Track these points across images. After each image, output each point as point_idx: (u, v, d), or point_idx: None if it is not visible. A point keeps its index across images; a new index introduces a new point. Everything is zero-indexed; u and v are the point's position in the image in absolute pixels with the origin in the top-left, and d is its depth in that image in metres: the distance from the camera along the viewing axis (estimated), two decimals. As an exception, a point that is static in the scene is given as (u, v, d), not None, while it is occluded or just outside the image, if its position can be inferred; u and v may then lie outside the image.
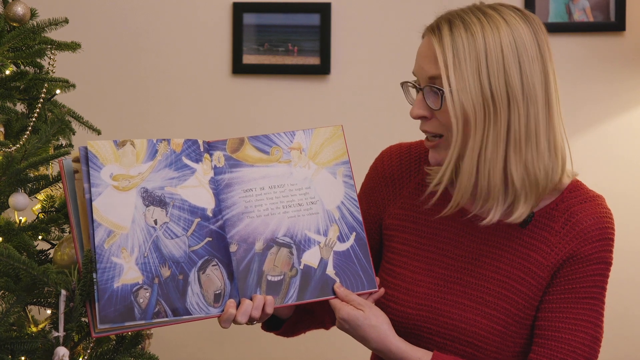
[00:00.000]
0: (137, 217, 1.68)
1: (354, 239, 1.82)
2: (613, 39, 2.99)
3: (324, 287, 1.78)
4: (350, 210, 1.83)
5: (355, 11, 3.06)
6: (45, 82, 2.03)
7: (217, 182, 1.77)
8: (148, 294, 1.65)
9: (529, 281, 1.79)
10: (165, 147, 1.74)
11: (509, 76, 1.69)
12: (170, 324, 1.68)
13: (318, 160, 1.84)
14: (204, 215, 1.73)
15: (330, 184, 1.83)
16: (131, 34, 3.11)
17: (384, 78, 3.05)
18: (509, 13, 1.73)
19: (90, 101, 3.00)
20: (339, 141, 1.86)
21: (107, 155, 1.68)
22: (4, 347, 1.68)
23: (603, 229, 1.78)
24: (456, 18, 1.73)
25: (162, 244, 1.69)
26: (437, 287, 1.84)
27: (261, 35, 3.06)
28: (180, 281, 1.68)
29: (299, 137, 1.84)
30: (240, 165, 1.80)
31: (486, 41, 1.69)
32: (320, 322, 2.00)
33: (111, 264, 1.63)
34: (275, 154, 1.82)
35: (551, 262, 1.78)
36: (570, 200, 1.81)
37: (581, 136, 2.98)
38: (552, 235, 1.79)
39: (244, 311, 1.71)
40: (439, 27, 1.73)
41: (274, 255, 1.77)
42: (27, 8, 2.04)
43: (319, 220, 1.81)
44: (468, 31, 1.70)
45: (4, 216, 1.92)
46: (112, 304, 1.62)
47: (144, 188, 1.70)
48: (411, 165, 1.93)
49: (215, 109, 3.10)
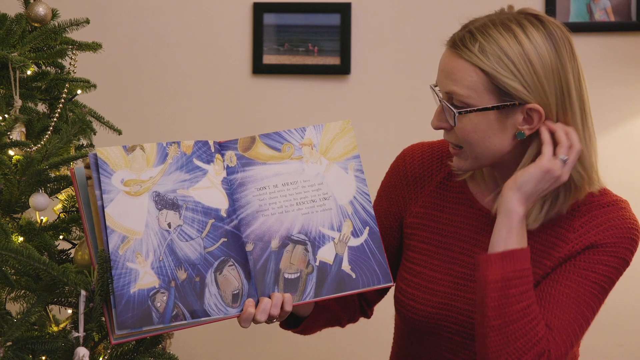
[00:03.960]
0: (151, 222, 1.68)
1: (368, 234, 1.82)
2: (634, 39, 2.97)
3: (341, 283, 1.78)
4: (362, 204, 1.83)
5: (376, 11, 3.06)
6: (67, 83, 2.03)
7: (230, 182, 1.77)
8: (165, 298, 1.64)
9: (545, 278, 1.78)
10: (175, 150, 1.73)
11: (528, 93, 1.69)
12: (189, 327, 1.67)
13: (329, 156, 1.83)
14: (218, 216, 1.73)
15: (342, 179, 1.83)
16: (152, 34, 3.12)
17: (404, 78, 3.05)
18: (530, 26, 1.71)
19: (111, 101, 3.01)
20: (349, 135, 1.85)
21: (117, 161, 1.68)
22: (25, 347, 1.69)
23: (628, 228, 1.77)
24: (479, 32, 1.71)
25: (177, 247, 1.68)
26: (457, 286, 1.83)
27: (281, 35, 3.06)
28: (197, 283, 1.68)
29: (309, 132, 1.83)
30: (253, 163, 1.79)
31: (509, 58, 1.68)
32: (337, 320, 2.00)
33: (126, 270, 1.63)
34: (287, 151, 1.82)
35: (564, 254, 1.77)
36: (591, 203, 1.80)
37: (602, 137, 2.96)
38: (570, 233, 1.78)
39: (263, 309, 1.71)
40: (463, 42, 1.71)
41: (290, 252, 1.77)
42: (49, 8, 2.05)
43: (332, 216, 1.81)
44: (491, 45, 1.69)
45: (25, 216, 1.93)
46: (129, 310, 1.61)
47: (156, 192, 1.70)
48: (433, 164, 1.93)
49: (236, 109, 3.11)
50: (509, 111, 1.70)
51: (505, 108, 1.69)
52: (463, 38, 1.71)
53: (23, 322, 1.67)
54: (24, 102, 1.97)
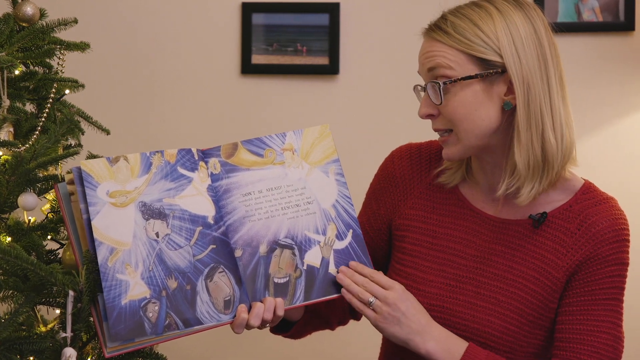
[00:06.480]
0: (138, 232, 1.67)
1: (351, 236, 1.82)
2: (622, 39, 2.98)
3: (329, 286, 1.78)
4: (345, 207, 1.83)
5: (364, 11, 3.06)
6: (55, 82, 2.03)
7: (215, 189, 1.77)
8: (157, 308, 1.64)
9: (544, 281, 1.79)
10: (159, 159, 1.73)
11: (507, 61, 1.72)
12: (182, 336, 1.67)
13: (310, 160, 1.83)
14: (205, 223, 1.73)
15: (324, 182, 1.83)
16: (140, 34, 3.12)
17: (392, 78, 3.05)
18: (502, 2, 1.76)
19: (99, 101, 3.00)
20: (327, 140, 1.86)
21: (102, 173, 1.68)
22: (12, 347, 1.69)
23: (618, 230, 1.78)
24: (451, 14, 1.77)
25: (166, 256, 1.68)
26: (448, 288, 1.83)
27: (270, 35, 3.06)
28: (189, 291, 1.67)
29: (289, 138, 1.84)
30: (237, 169, 1.79)
31: (483, 30, 1.72)
32: (326, 323, 2.00)
33: (117, 282, 1.63)
34: (269, 156, 1.82)
35: (566, 263, 1.78)
36: (583, 202, 1.81)
37: (590, 137, 2.97)
38: (568, 237, 1.79)
39: (256, 314, 1.71)
40: (437, 25, 1.77)
41: (278, 257, 1.77)
42: (37, 8, 2.05)
43: (317, 220, 1.81)
44: (464, 22, 1.74)
45: (13, 216, 1.93)
46: (121, 321, 1.61)
47: (142, 202, 1.69)
48: (422, 165, 1.93)
49: (224, 109, 3.11)
50: (493, 80, 1.73)
51: (488, 76, 1.72)
52: (437, 23, 1.77)
53: (11, 322, 1.67)
54: (12, 101, 1.97)
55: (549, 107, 1.74)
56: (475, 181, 1.87)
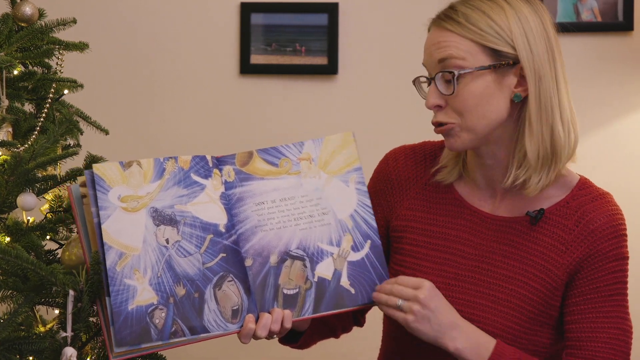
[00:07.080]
0: (148, 238, 1.67)
1: (369, 247, 1.80)
2: (621, 39, 2.98)
3: (339, 299, 1.76)
4: (364, 217, 1.81)
5: (363, 11, 3.06)
6: (53, 82, 2.03)
7: (228, 197, 1.76)
8: (164, 314, 1.64)
9: (543, 278, 1.79)
10: (172, 165, 1.72)
11: (520, 53, 1.73)
12: (188, 343, 1.66)
13: (329, 169, 1.82)
14: (216, 231, 1.72)
15: (343, 192, 1.81)
16: (139, 34, 3.11)
17: (392, 78, 3.05)
18: None
19: (98, 101, 3.00)
20: (350, 147, 1.84)
21: (114, 177, 1.67)
22: (12, 347, 1.69)
23: (616, 226, 1.79)
24: (461, 4, 1.77)
25: (175, 263, 1.67)
26: (448, 287, 1.83)
27: (269, 35, 3.06)
28: (196, 299, 1.67)
29: (307, 147, 1.82)
30: (251, 178, 1.78)
31: (495, 21, 1.73)
32: (332, 331, 1.99)
33: (124, 286, 1.62)
34: (285, 166, 1.80)
35: (566, 261, 1.78)
36: (580, 198, 1.81)
37: (589, 137, 2.97)
38: (566, 234, 1.79)
39: (264, 325, 1.70)
40: (447, 15, 1.76)
41: (289, 268, 1.76)
42: (35, 8, 2.05)
43: (331, 231, 1.79)
44: (476, 13, 1.74)
45: (12, 216, 1.93)
46: (127, 326, 1.61)
47: (153, 208, 1.69)
48: (417, 166, 1.93)
49: (223, 109, 3.10)
50: (504, 72, 1.74)
51: (500, 67, 1.73)
52: (446, 13, 1.77)
53: (10, 322, 1.67)
54: (11, 102, 1.97)
55: (557, 100, 1.75)
56: (472, 178, 1.87)
